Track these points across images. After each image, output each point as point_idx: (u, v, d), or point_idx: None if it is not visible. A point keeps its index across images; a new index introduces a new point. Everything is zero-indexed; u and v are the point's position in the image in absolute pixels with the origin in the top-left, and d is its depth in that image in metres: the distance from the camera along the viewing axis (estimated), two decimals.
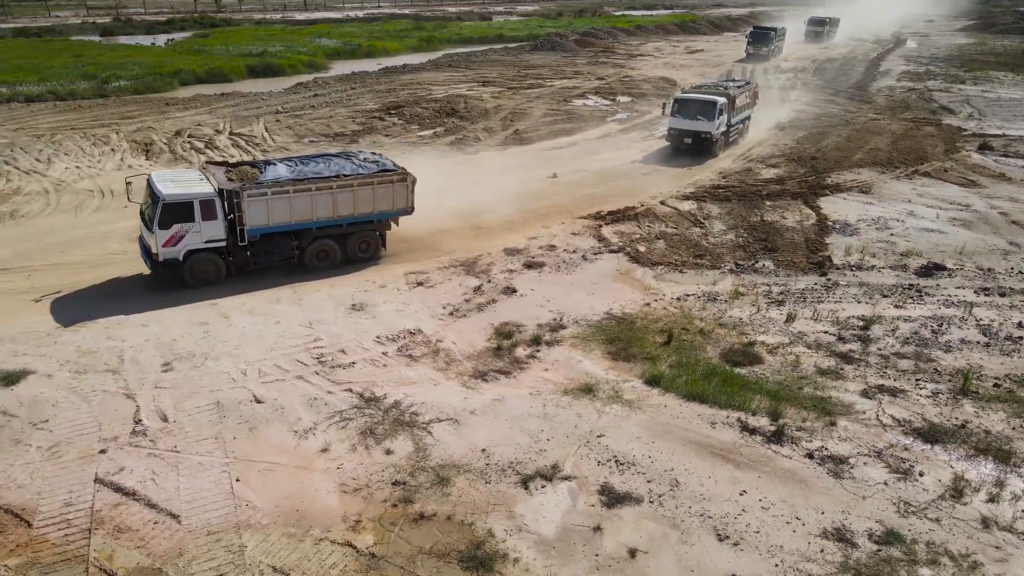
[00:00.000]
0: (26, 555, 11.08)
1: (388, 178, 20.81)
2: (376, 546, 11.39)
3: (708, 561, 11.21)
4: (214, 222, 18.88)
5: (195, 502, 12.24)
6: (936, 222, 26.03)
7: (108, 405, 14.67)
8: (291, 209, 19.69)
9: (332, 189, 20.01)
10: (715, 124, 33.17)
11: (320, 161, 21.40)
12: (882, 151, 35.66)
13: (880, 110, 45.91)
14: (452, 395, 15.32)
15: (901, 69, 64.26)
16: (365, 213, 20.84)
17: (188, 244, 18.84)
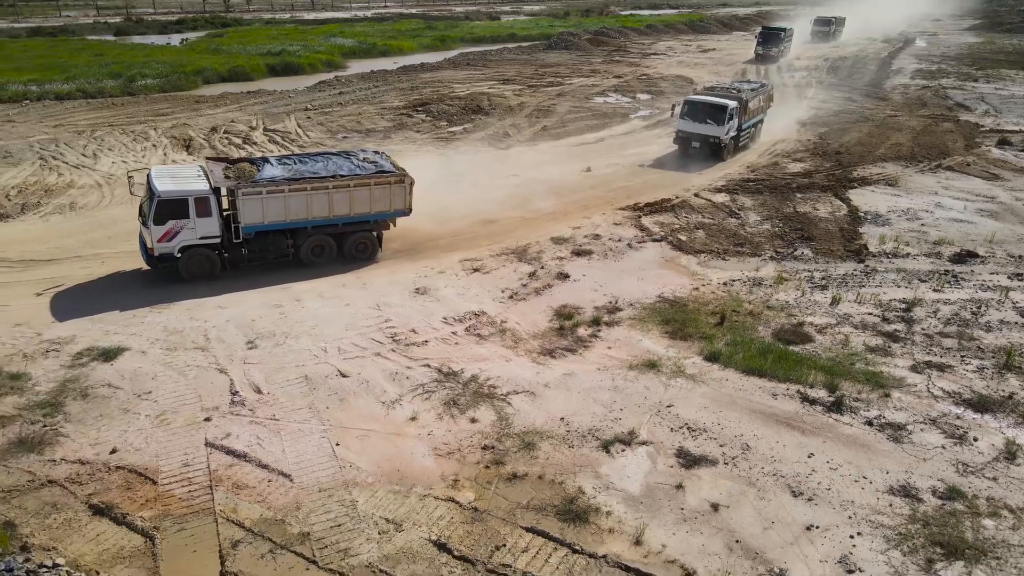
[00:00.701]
0: (157, 508, 12.09)
1: (385, 179, 20.83)
2: (476, 501, 12.40)
3: (786, 514, 12.24)
4: (209, 219, 19.12)
5: (302, 463, 13.26)
6: (964, 213, 27.08)
7: (203, 378, 15.68)
8: (286, 208, 19.85)
9: (328, 189, 20.12)
10: (724, 129, 32.49)
11: (319, 160, 21.39)
12: (904, 146, 36.72)
13: (897, 107, 46.98)
14: (524, 370, 16.34)
15: (913, 67, 65.37)
16: (361, 214, 20.91)
17: (183, 240, 19.10)
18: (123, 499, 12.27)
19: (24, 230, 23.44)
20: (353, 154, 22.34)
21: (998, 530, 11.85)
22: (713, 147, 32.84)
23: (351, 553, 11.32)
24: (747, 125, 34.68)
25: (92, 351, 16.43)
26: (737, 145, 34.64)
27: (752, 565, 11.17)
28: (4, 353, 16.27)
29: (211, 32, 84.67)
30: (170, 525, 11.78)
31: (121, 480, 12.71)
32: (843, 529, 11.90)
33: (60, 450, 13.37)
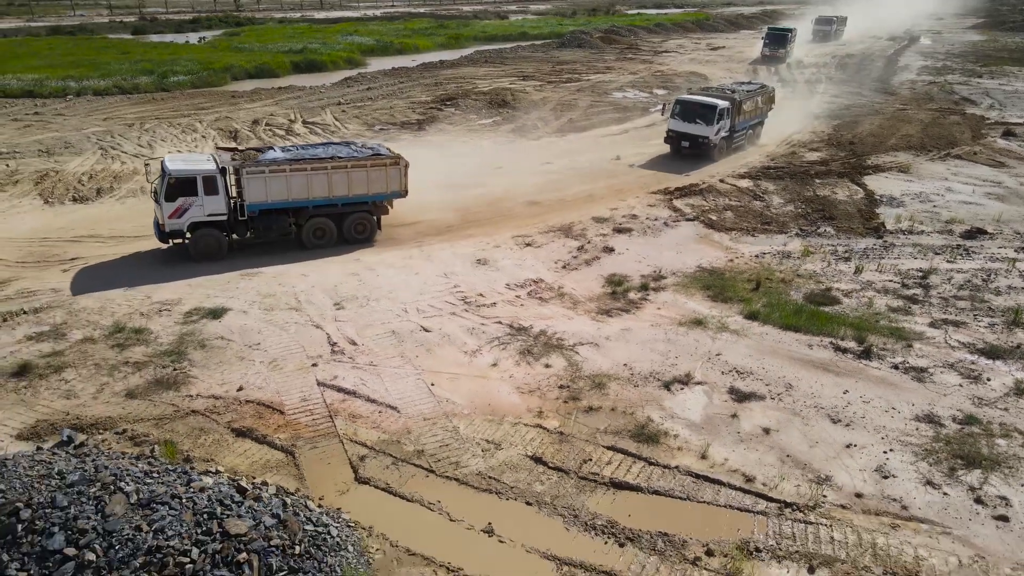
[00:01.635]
0: (289, 432, 14.29)
1: (381, 162, 22.18)
2: (561, 428, 14.60)
3: (827, 436, 14.45)
4: (216, 197, 20.59)
5: (405, 399, 15.47)
6: (973, 196, 29.32)
7: (303, 333, 17.89)
8: (288, 187, 21.25)
9: (327, 170, 21.55)
10: (714, 129, 32.79)
11: (321, 147, 23.02)
12: (914, 137, 38.98)
13: (906, 101, 49.28)
14: (586, 326, 18.56)
15: (920, 64, 67.70)
16: (360, 194, 22.26)
17: (192, 216, 20.60)
18: (259, 425, 14.45)
19: (106, 211, 25.62)
20: (353, 143, 23.95)
21: (1009, 447, 14.07)
22: (702, 147, 33.12)
23: (461, 465, 13.51)
24: (741, 126, 34.98)
25: (200, 311, 18.62)
26: (730, 146, 34.85)
27: (802, 473, 13.38)
28: (123, 312, 18.46)
29: (227, 31, 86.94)
30: (303, 444, 13.97)
31: (253, 411, 14.90)
32: (877, 447, 14.11)
33: (193, 388, 15.56)
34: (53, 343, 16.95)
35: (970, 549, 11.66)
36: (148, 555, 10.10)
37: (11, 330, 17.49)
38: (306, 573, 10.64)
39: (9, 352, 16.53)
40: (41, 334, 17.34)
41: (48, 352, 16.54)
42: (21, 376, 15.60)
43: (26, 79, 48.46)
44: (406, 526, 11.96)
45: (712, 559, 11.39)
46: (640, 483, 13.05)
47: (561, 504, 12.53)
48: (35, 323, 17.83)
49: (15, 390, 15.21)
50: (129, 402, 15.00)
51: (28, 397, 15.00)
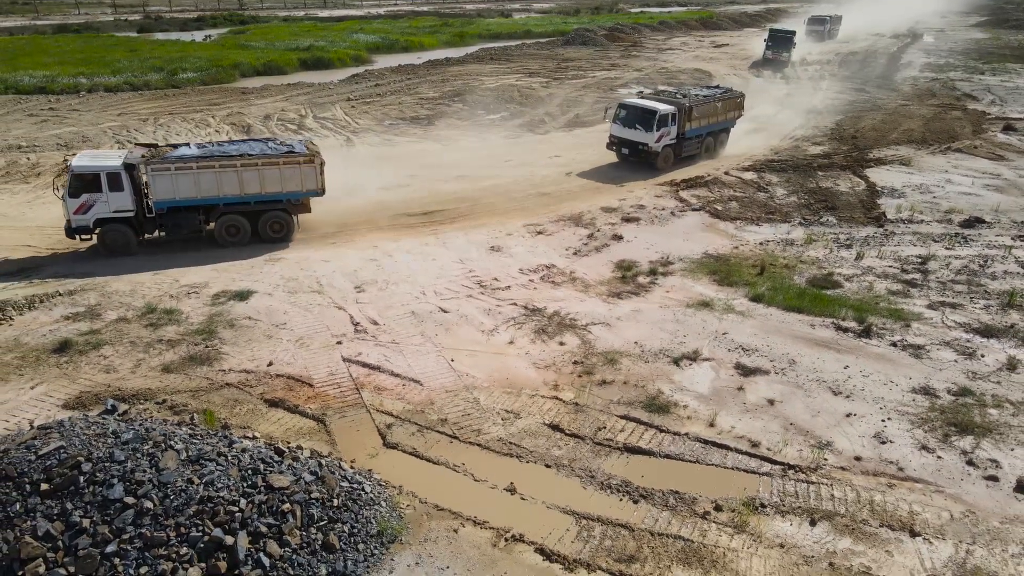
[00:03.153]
0: (319, 403, 15.24)
1: (294, 159, 21.87)
2: (576, 399, 15.54)
3: (828, 407, 15.39)
4: (121, 193, 20.54)
5: (427, 373, 16.41)
6: (972, 187, 30.23)
7: (326, 313, 18.84)
8: (197, 185, 21.09)
9: (236, 167, 21.30)
10: (654, 136, 30.49)
11: (237, 144, 22.80)
12: (916, 131, 39.90)
13: (908, 97, 50.18)
14: (598, 307, 19.50)
15: (922, 61, 68.58)
16: (273, 193, 21.98)
17: (97, 213, 20.60)
18: (290, 396, 15.40)
19: None
20: (273, 139, 23.70)
21: (1001, 416, 14.99)
22: (643, 155, 31.13)
23: (483, 432, 14.45)
24: (694, 133, 32.49)
25: (226, 293, 19.58)
26: (678, 155, 32.31)
27: (804, 439, 14.31)
28: (154, 295, 19.43)
29: (233, 29, 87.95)
30: (333, 413, 14.91)
31: (283, 384, 15.85)
32: (876, 416, 15.04)
33: (225, 363, 16.51)
34: (90, 322, 17.91)
35: (961, 505, 12.58)
36: (200, 504, 11.05)
37: (48, 310, 18.46)
38: (344, 523, 11.59)
39: (49, 330, 17.49)
40: (77, 314, 18.30)
41: (86, 331, 17.50)
42: (62, 352, 16.56)
43: (38, 76, 49.47)
44: (433, 485, 12.90)
45: (720, 513, 12.32)
46: (652, 448, 13.98)
47: (578, 466, 13.47)
48: (70, 304, 18.80)
49: (57, 365, 16.17)
50: (166, 376, 15.95)
51: (70, 371, 15.96)
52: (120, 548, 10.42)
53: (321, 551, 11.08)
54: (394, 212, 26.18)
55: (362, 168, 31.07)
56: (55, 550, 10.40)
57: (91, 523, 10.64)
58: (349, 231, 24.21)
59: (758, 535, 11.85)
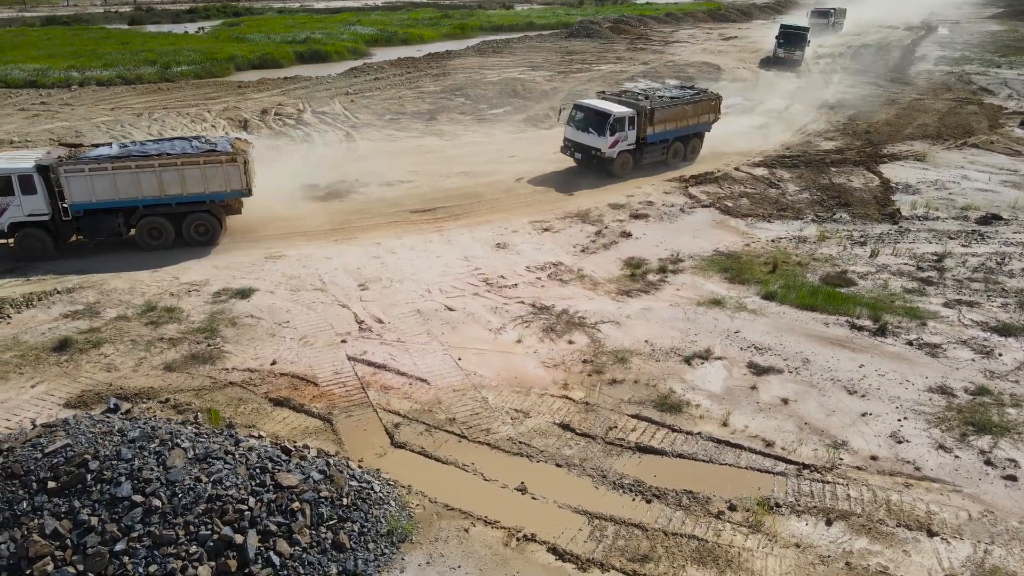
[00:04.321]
0: (324, 402, 15.47)
1: (216, 158, 21.42)
2: (586, 398, 15.76)
3: (843, 406, 15.60)
4: (34, 196, 20.33)
5: (434, 372, 16.63)
6: (988, 184, 30.44)
7: (330, 312, 19.07)
8: (115, 186, 20.77)
9: (154, 168, 20.93)
10: (607, 141, 28.89)
11: (160, 144, 22.41)
12: (930, 126, 40.11)
13: (923, 91, 50.39)
14: (607, 305, 19.72)
15: (937, 54, 68.78)
16: (196, 193, 21.62)
17: (11, 216, 20.44)
18: (295, 395, 15.63)
19: None
20: (201, 138, 23.33)
21: (1019, 415, 15.21)
22: (596, 160, 29.64)
23: (492, 431, 14.67)
24: (657, 138, 30.74)
25: (228, 291, 19.81)
26: (638, 161, 30.73)
27: (819, 438, 14.53)
28: (153, 292, 19.66)
29: (227, 21, 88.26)
30: (339, 413, 15.14)
31: (287, 383, 16.07)
32: (892, 416, 15.25)
33: (228, 362, 16.74)
34: (89, 320, 18.15)
35: (979, 505, 12.80)
36: (209, 503, 11.28)
37: (47, 308, 18.70)
38: (354, 522, 11.81)
39: (48, 328, 17.73)
40: (76, 312, 18.54)
41: (85, 329, 17.73)
42: (62, 351, 16.80)
43: (28, 69, 49.72)
44: (443, 485, 13.12)
45: (735, 513, 12.54)
46: (664, 447, 14.21)
47: (590, 466, 13.69)
48: (69, 302, 19.03)
49: (57, 363, 16.41)
50: (168, 375, 16.18)
51: (71, 370, 16.20)
52: (129, 546, 10.65)
53: (331, 550, 11.31)
54: (397, 208, 26.43)
55: (363, 163, 31.33)
56: (63, 548, 10.62)
57: (99, 521, 10.87)
58: (352, 228, 24.44)
59: (773, 535, 12.07)
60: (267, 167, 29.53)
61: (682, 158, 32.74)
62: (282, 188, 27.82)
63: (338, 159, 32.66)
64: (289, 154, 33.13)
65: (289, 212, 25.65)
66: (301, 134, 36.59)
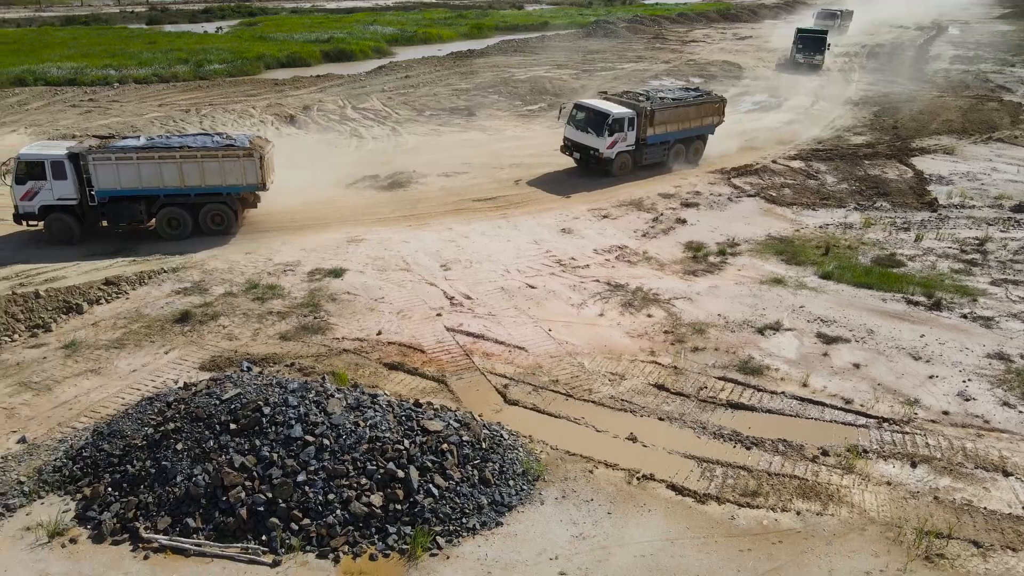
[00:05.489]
0: (434, 367, 17.04)
1: (234, 152, 22.58)
2: (674, 363, 17.35)
3: (911, 369, 17.22)
4: (64, 182, 21.74)
5: (528, 341, 18.21)
6: (1018, 175, 32.14)
7: (420, 289, 20.65)
8: (139, 175, 22.07)
9: (176, 159, 22.20)
10: (606, 141, 29.31)
11: (184, 138, 24.03)
12: (954, 122, 41.83)
13: (942, 89, 52.16)
14: (676, 283, 21.33)
15: (951, 54, 70.63)
16: (214, 185, 22.77)
17: (42, 200, 21.86)
18: (406, 360, 17.19)
19: None
20: (222, 135, 24.53)
21: None
22: (594, 161, 30.04)
23: (594, 391, 16.25)
24: (657, 140, 31.00)
25: (321, 271, 21.38)
26: (637, 162, 31.04)
27: (893, 397, 16.14)
28: (252, 272, 21.23)
29: (244, 20, 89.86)
30: (451, 375, 16.71)
31: (396, 351, 17.64)
32: (956, 378, 16.87)
33: (337, 332, 18.30)
34: (200, 296, 19.72)
35: None
36: (370, 443, 12.87)
37: (158, 285, 20.26)
38: (493, 463, 13.38)
39: (165, 303, 19.30)
40: (186, 289, 20.10)
41: (200, 303, 19.30)
42: (184, 322, 18.36)
43: (65, 67, 51.18)
44: (559, 435, 14.70)
45: (828, 458, 14.14)
46: (754, 404, 15.82)
47: (689, 419, 15.29)
48: (176, 280, 20.60)
49: (182, 333, 17.98)
50: (284, 343, 17.75)
51: (195, 339, 17.76)
52: (309, 478, 12.21)
53: (480, 484, 12.87)
54: (459, 197, 28.02)
55: (415, 156, 32.93)
56: (251, 479, 12.20)
57: (279, 457, 12.44)
58: (420, 215, 26.01)
59: (866, 475, 13.67)
60: (324, 160, 31.32)
61: (684, 160, 32.80)
62: (344, 178, 29.46)
63: (390, 152, 34.27)
64: (342, 147, 34.77)
65: (358, 200, 27.23)
66: (348, 129, 38.18)
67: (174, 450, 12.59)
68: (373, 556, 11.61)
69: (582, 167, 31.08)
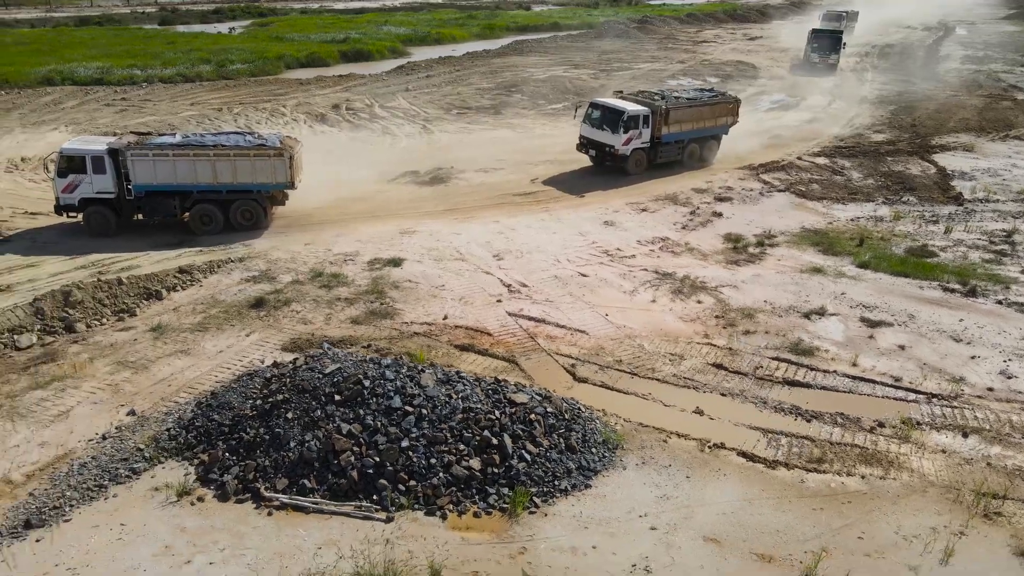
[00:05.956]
0: (502, 348, 18.12)
1: (264, 152, 23.40)
2: (728, 345, 18.44)
3: (953, 351, 18.32)
4: (103, 176, 22.76)
5: (588, 325, 19.29)
6: None
7: (477, 278, 21.73)
8: (175, 171, 23.02)
9: (210, 157, 23.13)
10: (621, 138, 29.97)
11: (219, 136, 24.71)
12: (971, 120, 43.01)
13: (956, 88, 53.36)
14: (721, 272, 22.43)
15: (961, 54, 71.89)
16: (245, 183, 23.64)
17: (82, 193, 22.90)
18: (474, 342, 18.26)
19: None
20: (253, 133, 25.37)
21: None
22: (609, 158, 30.78)
23: (656, 370, 17.33)
24: (672, 138, 31.73)
25: (380, 260, 22.45)
26: (652, 160, 31.79)
27: (939, 375, 17.23)
28: (314, 262, 22.30)
29: (256, 21, 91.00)
30: (519, 355, 17.79)
31: (464, 334, 18.72)
32: (997, 358, 17.97)
33: (405, 317, 19.38)
34: (269, 284, 20.78)
35: None
36: (464, 413, 13.93)
37: (228, 274, 21.33)
38: (576, 432, 14.46)
39: (238, 290, 20.37)
40: (254, 277, 21.16)
41: (270, 291, 20.36)
42: (259, 308, 19.42)
43: (91, 67, 52.23)
44: (630, 409, 15.77)
45: (884, 429, 15.23)
46: (809, 381, 16.90)
47: (750, 395, 16.38)
48: (244, 269, 21.66)
49: (259, 318, 19.04)
50: (356, 327, 18.81)
51: (272, 323, 18.83)
52: (411, 443, 13.28)
53: (566, 451, 13.94)
54: (499, 192, 29.10)
55: (449, 153, 34.03)
56: (358, 445, 13.26)
57: (381, 425, 13.50)
58: (465, 208, 27.10)
59: (921, 444, 14.77)
60: (362, 156, 32.45)
61: (698, 159, 33.41)
62: (384, 174, 30.59)
63: (424, 150, 35.36)
64: (377, 145, 35.87)
65: (401, 195, 28.35)
66: (379, 127, 39.28)
67: (285, 419, 13.65)
68: (477, 513, 12.67)
69: (597, 165, 31.76)
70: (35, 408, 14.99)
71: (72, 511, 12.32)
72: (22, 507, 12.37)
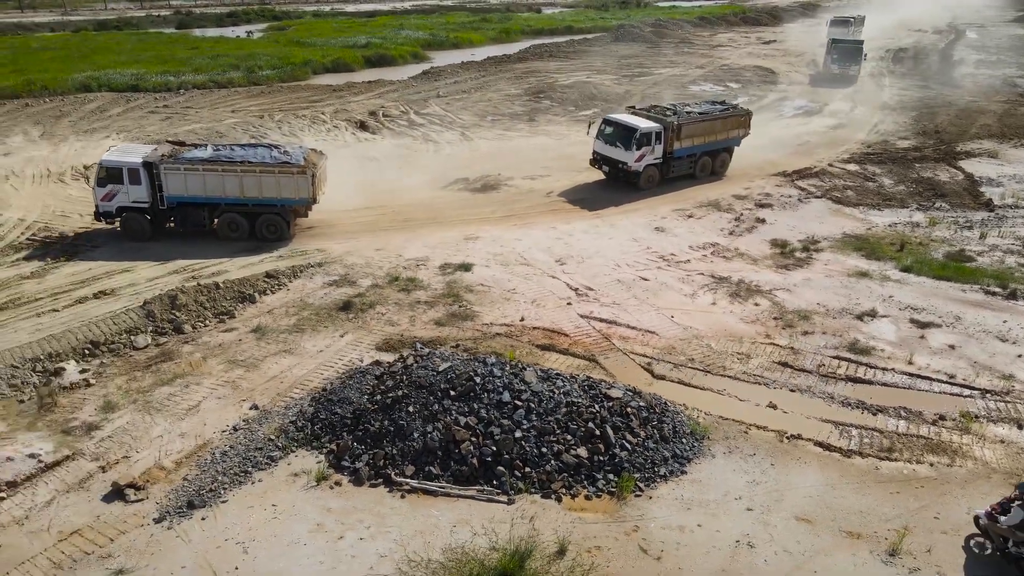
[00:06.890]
0: (580, 348, 19.61)
1: (288, 169, 24.62)
2: (790, 344, 19.94)
3: (1001, 350, 19.83)
4: (139, 186, 24.27)
5: (656, 326, 20.78)
6: None
7: (544, 282, 23.22)
8: (204, 185, 24.47)
9: (237, 172, 24.50)
10: (634, 155, 30.48)
11: (247, 149, 25.90)
12: (992, 126, 44.55)
13: (974, 94, 54.91)
14: (773, 276, 23.94)
15: (975, 58, 73.44)
16: (270, 197, 24.89)
17: (119, 202, 24.49)
18: (554, 342, 19.75)
19: None
20: (279, 147, 26.43)
21: None
22: (623, 174, 31.42)
23: (727, 368, 18.83)
24: (684, 153, 32.31)
25: (450, 265, 23.94)
26: (665, 175, 32.29)
27: (990, 373, 18.74)
28: (388, 267, 23.78)
29: (272, 25, 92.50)
30: (598, 354, 19.29)
31: (542, 334, 20.20)
32: None
33: (484, 319, 20.85)
34: (351, 288, 22.25)
35: None
36: (567, 407, 15.42)
37: (310, 278, 22.81)
38: (667, 424, 15.94)
39: (323, 294, 21.85)
40: (335, 282, 22.64)
41: (354, 294, 21.84)
42: (347, 310, 20.90)
43: (126, 74, 53.70)
44: (709, 404, 17.25)
45: (945, 422, 16.73)
46: (870, 378, 18.40)
47: (817, 391, 17.87)
48: (324, 274, 23.14)
49: (348, 320, 20.52)
50: (440, 328, 20.29)
51: (361, 324, 20.31)
52: (524, 434, 14.77)
53: (661, 441, 15.43)
54: (549, 199, 30.60)
55: (494, 160, 35.52)
56: (475, 435, 14.75)
57: (494, 418, 14.99)
58: (521, 214, 28.60)
59: (981, 435, 16.27)
60: (409, 164, 34.00)
61: (710, 172, 33.99)
62: (435, 180, 32.13)
63: (467, 156, 36.86)
64: (421, 152, 37.35)
65: (455, 201, 29.86)
66: (420, 134, 40.78)
67: (407, 412, 15.14)
68: (588, 496, 14.17)
69: (610, 180, 32.49)
70: (167, 403, 16.46)
71: (227, 493, 13.79)
72: (181, 490, 13.83)
